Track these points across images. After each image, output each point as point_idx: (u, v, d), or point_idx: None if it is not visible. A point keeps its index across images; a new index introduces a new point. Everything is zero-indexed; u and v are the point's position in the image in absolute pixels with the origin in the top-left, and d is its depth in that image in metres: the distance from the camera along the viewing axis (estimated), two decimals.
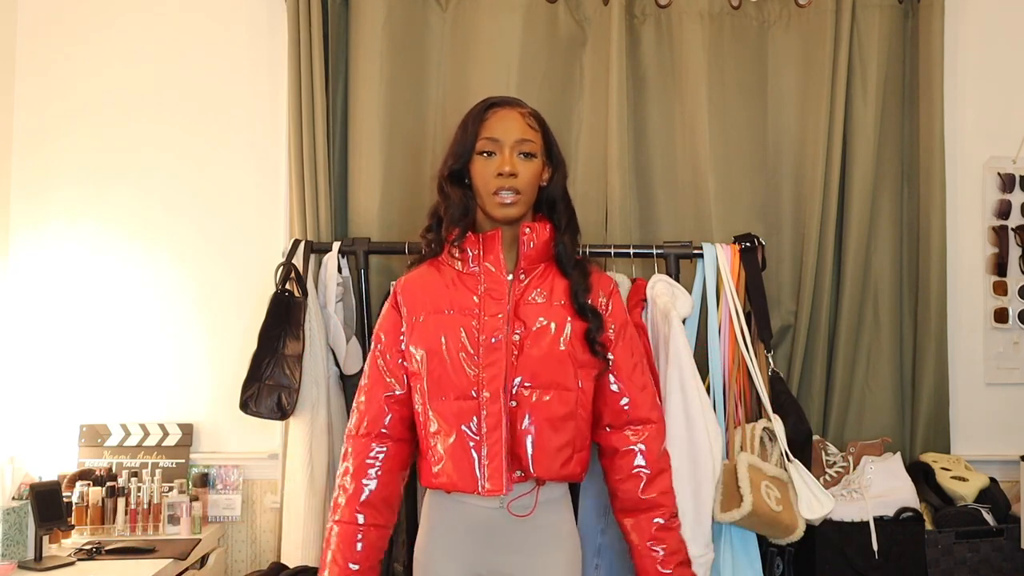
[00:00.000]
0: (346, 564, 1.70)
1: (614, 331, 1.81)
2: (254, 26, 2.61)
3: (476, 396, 1.67)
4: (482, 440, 1.66)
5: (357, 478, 1.74)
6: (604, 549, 2.24)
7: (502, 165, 1.72)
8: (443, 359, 1.70)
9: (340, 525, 1.73)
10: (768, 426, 2.29)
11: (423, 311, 1.76)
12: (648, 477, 1.78)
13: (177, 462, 2.51)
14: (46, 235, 2.57)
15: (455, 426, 1.68)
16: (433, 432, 1.71)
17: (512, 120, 1.77)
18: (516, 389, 1.69)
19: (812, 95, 2.61)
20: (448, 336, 1.71)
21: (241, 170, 2.60)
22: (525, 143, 1.75)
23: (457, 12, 2.59)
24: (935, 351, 2.60)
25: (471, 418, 1.67)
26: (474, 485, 1.66)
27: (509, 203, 1.73)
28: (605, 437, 1.82)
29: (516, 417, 1.68)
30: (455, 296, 1.75)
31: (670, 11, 2.63)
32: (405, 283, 1.82)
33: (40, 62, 2.59)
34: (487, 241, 1.77)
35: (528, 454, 1.68)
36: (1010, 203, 2.72)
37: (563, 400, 1.71)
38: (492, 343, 1.68)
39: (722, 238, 2.51)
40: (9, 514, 2.08)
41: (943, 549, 2.31)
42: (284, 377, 2.27)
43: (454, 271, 1.78)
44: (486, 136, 1.75)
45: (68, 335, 2.55)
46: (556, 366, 1.71)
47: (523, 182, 1.74)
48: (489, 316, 1.71)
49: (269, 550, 2.53)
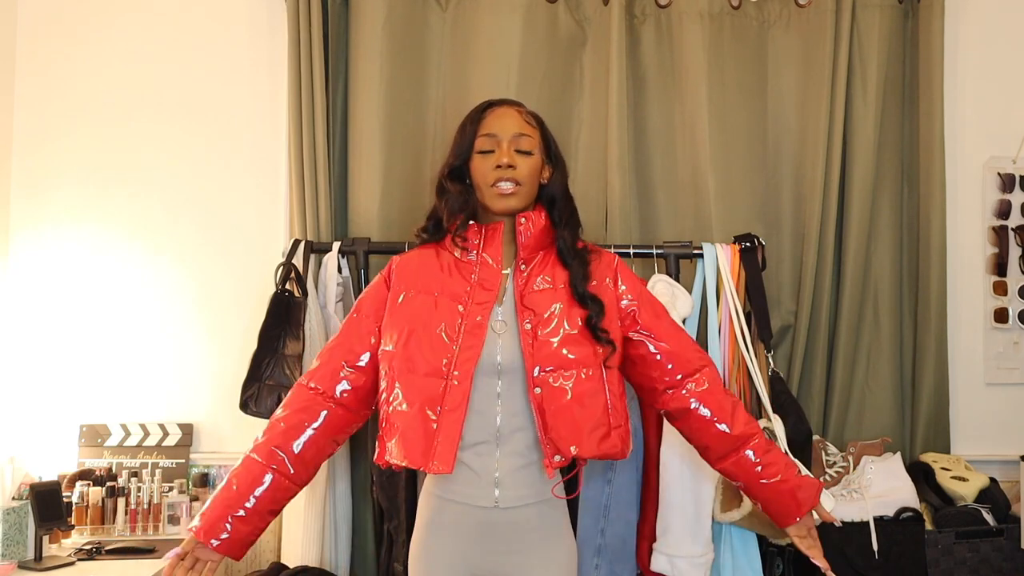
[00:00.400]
0: (248, 495, 1.70)
1: (633, 302, 1.81)
2: (254, 26, 2.61)
3: (445, 376, 1.66)
4: (440, 418, 1.65)
5: (289, 430, 1.74)
6: (604, 549, 2.24)
7: (500, 158, 1.74)
8: (419, 336, 1.69)
9: (251, 460, 1.73)
10: (768, 426, 2.29)
11: (412, 289, 1.76)
12: (726, 419, 1.78)
13: (177, 462, 2.51)
14: (46, 235, 2.57)
15: (415, 401, 1.67)
16: (394, 406, 1.69)
17: (509, 117, 1.78)
18: (539, 375, 1.68)
19: (812, 95, 2.61)
20: (431, 315, 1.71)
21: (241, 170, 2.61)
22: (523, 138, 1.76)
23: (457, 12, 2.59)
24: (935, 351, 2.60)
25: (434, 395, 1.66)
26: (424, 462, 1.64)
27: (509, 193, 1.74)
28: (667, 401, 1.82)
29: (544, 403, 1.67)
30: (447, 281, 1.75)
31: (670, 11, 2.63)
32: (401, 260, 1.84)
33: (40, 62, 2.59)
34: (489, 232, 1.77)
35: (563, 437, 1.66)
36: (1010, 203, 2.72)
37: (587, 379, 1.70)
38: (474, 330, 1.68)
39: (722, 238, 2.51)
40: (9, 514, 2.08)
41: (943, 549, 2.31)
42: (284, 377, 2.28)
43: (452, 257, 1.79)
44: (484, 133, 1.77)
45: (68, 335, 2.55)
46: (573, 347, 1.70)
47: (522, 174, 1.75)
48: (476, 303, 1.71)
49: (269, 550, 2.53)
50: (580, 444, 1.67)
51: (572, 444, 1.66)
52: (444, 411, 1.65)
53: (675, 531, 2.12)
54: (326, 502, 2.32)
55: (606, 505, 2.24)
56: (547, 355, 1.69)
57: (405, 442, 1.67)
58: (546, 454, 1.67)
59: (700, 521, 2.13)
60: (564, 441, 1.66)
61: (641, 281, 1.90)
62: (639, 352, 1.81)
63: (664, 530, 2.14)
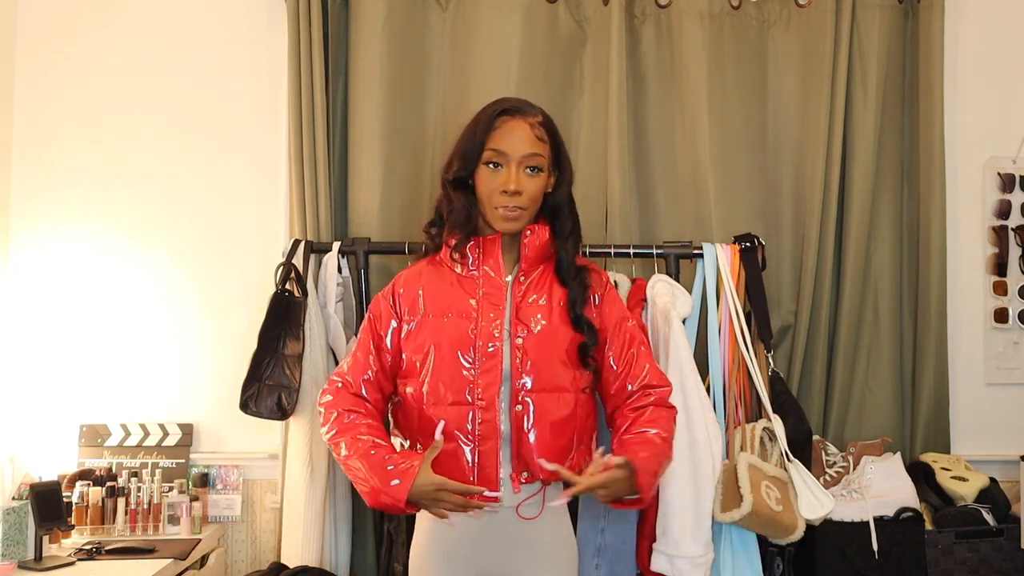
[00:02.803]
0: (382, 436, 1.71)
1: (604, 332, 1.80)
2: (254, 26, 2.61)
3: (471, 402, 1.68)
4: (475, 446, 1.68)
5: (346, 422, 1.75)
6: (604, 549, 2.24)
7: (507, 183, 1.71)
8: (439, 366, 1.71)
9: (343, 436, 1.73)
10: (768, 426, 2.29)
11: (421, 313, 1.76)
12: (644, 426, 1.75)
13: (177, 462, 2.51)
14: (46, 235, 2.57)
15: (450, 430, 1.69)
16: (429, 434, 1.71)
17: (521, 132, 1.74)
18: (522, 393, 1.69)
19: (812, 95, 2.61)
20: (445, 342, 1.71)
21: (241, 170, 2.60)
22: (533, 157, 1.74)
23: (457, 12, 2.59)
24: (935, 351, 2.60)
25: (465, 423, 1.68)
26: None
27: (512, 218, 1.73)
28: (611, 414, 1.82)
29: (522, 420, 1.69)
30: (454, 299, 1.75)
31: (670, 11, 2.63)
32: (405, 282, 1.82)
33: (40, 62, 2.59)
34: (487, 245, 1.77)
35: (534, 456, 1.68)
36: (1010, 203, 2.72)
37: (564, 402, 1.72)
38: (489, 351, 1.69)
39: (722, 238, 2.51)
40: (9, 514, 2.08)
41: (943, 549, 2.31)
42: (284, 377, 2.28)
43: (454, 273, 1.78)
44: (493, 147, 1.74)
45: (68, 335, 2.55)
46: (559, 369, 1.72)
47: (527, 198, 1.73)
48: (485, 321, 1.71)
49: (269, 550, 2.53)
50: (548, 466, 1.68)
51: (542, 464, 1.67)
52: (479, 438, 1.67)
53: (675, 531, 2.12)
54: (326, 502, 2.32)
55: (606, 505, 2.24)
56: (533, 373, 1.70)
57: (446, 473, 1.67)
58: (515, 468, 1.69)
59: (700, 521, 2.13)
60: (534, 464, 1.68)
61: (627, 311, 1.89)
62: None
63: (664, 530, 2.14)
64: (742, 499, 2.12)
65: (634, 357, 1.80)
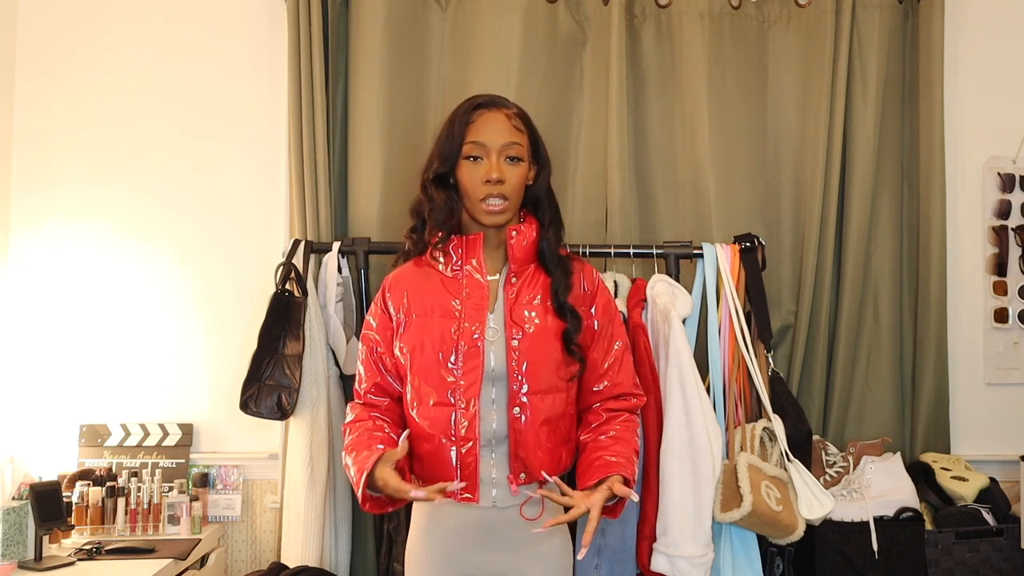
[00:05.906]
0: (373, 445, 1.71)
1: (597, 323, 1.81)
2: (254, 26, 2.61)
3: (453, 403, 1.69)
4: (458, 446, 1.69)
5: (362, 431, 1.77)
6: (604, 549, 2.24)
7: (489, 172, 1.72)
8: (422, 367, 1.72)
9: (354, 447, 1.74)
10: (768, 426, 2.29)
11: (411, 312, 1.77)
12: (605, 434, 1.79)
13: (177, 462, 2.51)
14: (46, 235, 2.57)
15: (435, 431, 1.70)
16: (416, 435, 1.75)
17: (498, 123, 1.75)
18: (519, 395, 1.70)
19: (812, 95, 2.61)
20: (428, 343, 1.72)
21: (241, 170, 2.60)
22: (512, 147, 1.74)
23: (457, 12, 2.59)
24: (935, 351, 2.60)
25: (449, 424, 1.69)
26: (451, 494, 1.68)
27: (498, 211, 1.73)
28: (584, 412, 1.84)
29: (520, 423, 1.70)
30: (438, 300, 1.75)
31: (670, 11, 2.63)
32: (392, 284, 1.83)
33: (40, 60, 2.59)
34: (469, 244, 1.77)
35: (532, 456, 1.70)
36: (1010, 203, 2.72)
37: (557, 402, 1.73)
38: (471, 352, 1.70)
39: (722, 238, 2.51)
40: (9, 514, 2.08)
41: (943, 549, 2.31)
42: (284, 377, 2.28)
43: (439, 274, 1.79)
44: (472, 140, 1.74)
45: (68, 335, 2.55)
46: (554, 369, 1.73)
47: (510, 187, 1.73)
48: (468, 322, 1.72)
49: (269, 550, 2.53)
50: (545, 465, 1.71)
51: (539, 464, 1.70)
52: (459, 437, 1.68)
53: (675, 531, 2.12)
54: (326, 502, 2.32)
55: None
56: (529, 376, 1.70)
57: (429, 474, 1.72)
58: (512, 469, 1.70)
59: (700, 521, 2.13)
60: (533, 464, 1.70)
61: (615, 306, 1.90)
62: None
63: (664, 530, 2.14)
64: (742, 499, 2.13)
65: (619, 361, 1.83)
